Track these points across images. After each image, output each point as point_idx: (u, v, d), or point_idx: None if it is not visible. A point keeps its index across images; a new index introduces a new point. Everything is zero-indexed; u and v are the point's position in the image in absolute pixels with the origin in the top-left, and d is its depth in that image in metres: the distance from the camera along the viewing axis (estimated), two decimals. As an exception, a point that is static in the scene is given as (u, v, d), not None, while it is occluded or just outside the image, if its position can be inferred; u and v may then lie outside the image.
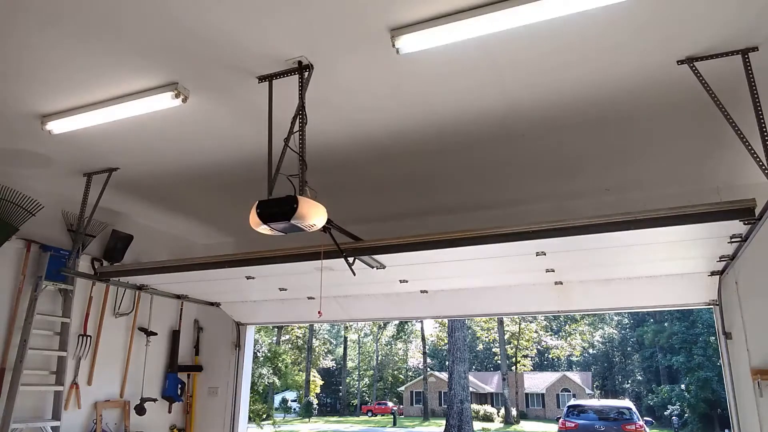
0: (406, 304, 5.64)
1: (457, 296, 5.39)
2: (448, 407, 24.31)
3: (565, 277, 4.77)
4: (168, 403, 6.23)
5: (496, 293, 5.26)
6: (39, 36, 2.92)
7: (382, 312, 5.98)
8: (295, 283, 5.24)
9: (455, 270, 4.62)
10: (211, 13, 2.74)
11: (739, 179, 4.75)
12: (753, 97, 3.06)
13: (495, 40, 2.90)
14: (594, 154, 4.33)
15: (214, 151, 4.35)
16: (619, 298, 4.96)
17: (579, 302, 5.10)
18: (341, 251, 3.71)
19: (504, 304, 5.41)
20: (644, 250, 3.98)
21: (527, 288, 5.11)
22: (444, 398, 33.64)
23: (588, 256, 4.11)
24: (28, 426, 4.66)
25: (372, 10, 2.71)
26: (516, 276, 4.84)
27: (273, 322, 6.85)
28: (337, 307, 5.87)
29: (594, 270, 4.60)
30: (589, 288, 4.91)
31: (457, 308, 5.62)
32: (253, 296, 6.00)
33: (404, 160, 4.50)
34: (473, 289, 5.30)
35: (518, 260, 4.25)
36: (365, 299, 5.77)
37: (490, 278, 4.98)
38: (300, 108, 3.19)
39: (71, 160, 4.51)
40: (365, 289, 5.47)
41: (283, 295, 5.81)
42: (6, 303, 4.74)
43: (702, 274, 4.59)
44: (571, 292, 5.00)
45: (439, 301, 5.47)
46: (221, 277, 4.87)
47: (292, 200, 2.96)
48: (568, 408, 17.81)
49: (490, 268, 4.52)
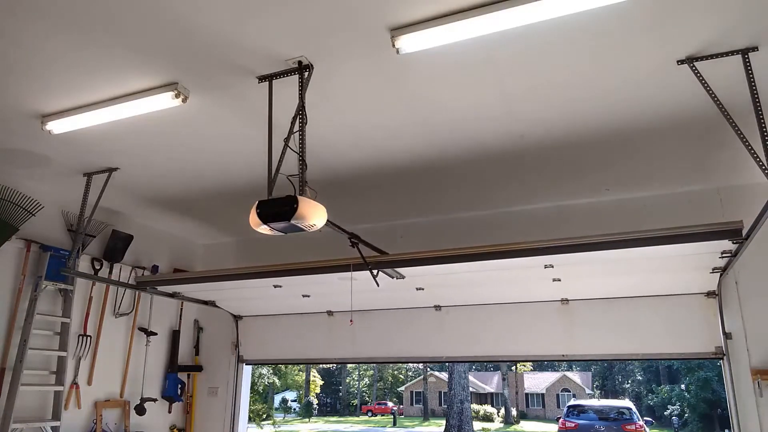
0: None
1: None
2: (448, 407, 24.33)
3: (570, 288, 4.91)
4: (168, 403, 6.23)
5: (508, 335, 5.34)
6: (39, 36, 2.92)
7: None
8: (317, 291, 5.48)
9: (468, 280, 4.89)
10: (211, 13, 2.74)
11: (739, 179, 4.75)
12: (753, 97, 3.06)
13: (495, 39, 2.90)
14: (594, 153, 4.33)
15: (214, 151, 4.35)
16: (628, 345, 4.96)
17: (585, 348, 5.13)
18: (367, 264, 4.08)
19: (513, 346, 5.40)
20: (646, 264, 4.24)
21: (539, 329, 5.19)
22: (444, 398, 33.65)
23: (592, 267, 4.40)
24: (28, 426, 4.66)
25: (372, 10, 2.71)
26: (525, 287, 5.03)
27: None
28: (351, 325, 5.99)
29: (596, 278, 4.76)
30: (600, 335, 5.00)
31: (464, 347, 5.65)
32: (274, 307, 6.15)
33: (405, 160, 4.51)
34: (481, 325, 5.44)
35: (527, 273, 4.53)
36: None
37: (501, 290, 5.16)
38: (300, 108, 3.19)
39: (71, 160, 4.51)
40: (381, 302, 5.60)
41: (303, 308, 6.06)
42: (6, 303, 4.74)
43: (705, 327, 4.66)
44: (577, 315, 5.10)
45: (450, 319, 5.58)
46: (250, 285, 5.15)
47: (292, 200, 2.96)
48: (568, 408, 17.84)
49: (502, 279, 4.78)
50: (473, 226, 5.72)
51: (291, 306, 6.07)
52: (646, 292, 4.88)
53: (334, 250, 5.91)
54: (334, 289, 5.00)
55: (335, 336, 6.03)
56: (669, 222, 4.93)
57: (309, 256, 6.19)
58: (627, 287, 4.84)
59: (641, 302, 4.92)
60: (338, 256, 5.16)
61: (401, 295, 5.43)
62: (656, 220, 5.03)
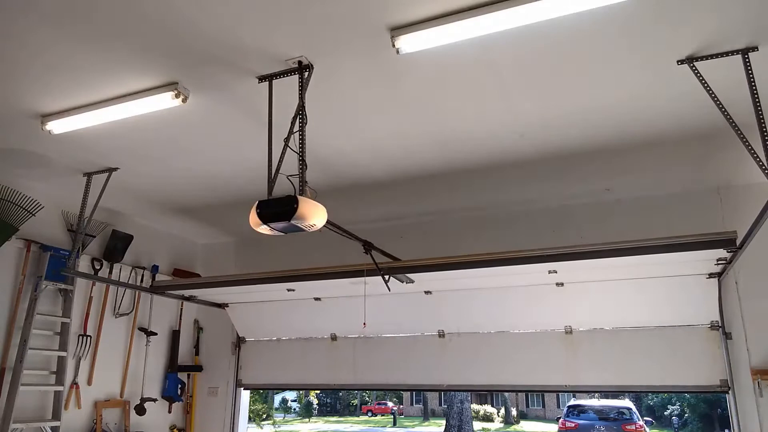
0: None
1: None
2: (448, 407, 24.32)
3: (574, 312, 5.00)
4: (168, 403, 6.23)
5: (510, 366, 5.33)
6: (39, 36, 2.92)
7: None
8: (328, 294, 5.65)
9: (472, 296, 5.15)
10: (211, 13, 2.74)
11: (739, 179, 4.75)
12: (753, 97, 3.06)
13: (495, 40, 2.90)
14: (594, 153, 4.33)
15: (214, 150, 4.36)
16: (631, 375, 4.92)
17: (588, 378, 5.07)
18: (379, 270, 4.27)
19: (514, 376, 5.33)
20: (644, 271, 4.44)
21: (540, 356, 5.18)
22: (444, 398, 33.64)
23: (593, 274, 4.61)
24: (28, 426, 4.66)
25: (372, 10, 2.71)
26: (529, 312, 5.15)
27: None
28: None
29: (599, 297, 4.87)
30: (604, 366, 4.97)
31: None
32: (279, 327, 6.29)
33: (406, 160, 4.51)
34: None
35: (532, 278, 4.72)
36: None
37: (505, 317, 5.29)
38: (300, 108, 3.19)
39: (71, 160, 4.51)
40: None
41: (307, 332, 6.19)
42: (6, 303, 4.74)
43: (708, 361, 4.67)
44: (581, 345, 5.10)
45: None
46: (263, 288, 5.33)
47: (292, 200, 2.96)
48: (568, 408, 17.81)
49: (506, 299, 5.03)
50: (473, 226, 5.73)
51: (296, 329, 6.13)
52: (649, 322, 4.83)
53: (334, 250, 5.91)
54: (343, 306, 5.24)
55: (337, 361, 5.98)
56: (669, 222, 4.98)
57: (309, 256, 6.23)
58: (631, 316, 4.84)
59: (646, 333, 4.85)
60: (338, 255, 5.21)
61: (405, 320, 5.56)
62: (656, 220, 5.04)
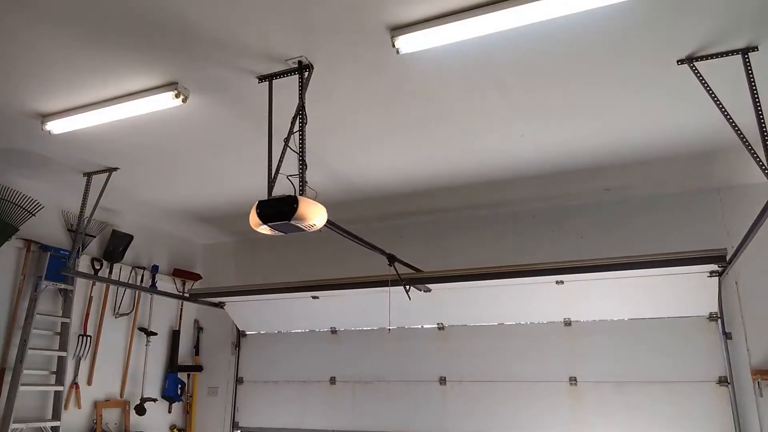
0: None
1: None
2: (448, 407, 24.32)
3: (579, 361, 5.05)
4: (168, 403, 6.22)
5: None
6: (39, 35, 2.92)
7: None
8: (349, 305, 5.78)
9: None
10: (211, 13, 2.74)
11: (739, 179, 4.75)
12: (753, 97, 3.06)
13: (495, 40, 2.89)
14: (594, 153, 4.33)
15: (214, 150, 4.35)
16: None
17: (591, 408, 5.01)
18: (401, 280, 4.47)
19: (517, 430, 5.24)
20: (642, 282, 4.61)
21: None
22: None
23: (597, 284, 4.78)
24: (28, 426, 4.66)
25: (372, 10, 2.71)
26: (533, 357, 5.24)
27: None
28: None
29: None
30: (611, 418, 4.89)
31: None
32: (278, 371, 6.34)
33: (406, 162, 4.50)
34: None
35: (537, 288, 4.93)
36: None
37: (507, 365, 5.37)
38: (300, 108, 3.19)
39: (71, 160, 4.51)
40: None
41: (305, 375, 6.24)
42: (6, 303, 4.73)
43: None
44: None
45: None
46: (291, 297, 5.61)
47: (292, 200, 2.96)
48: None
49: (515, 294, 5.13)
50: (473, 226, 5.73)
51: (294, 371, 6.15)
52: (653, 377, 4.78)
53: (334, 250, 5.93)
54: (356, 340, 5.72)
55: (335, 404, 5.85)
56: (669, 222, 4.98)
57: (309, 256, 6.23)
58: (638, 370, 4.82)
59: (652, 387, 4.76)
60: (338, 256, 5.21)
61: (406, 362, 5.65)
62: (656, 220, 5.04)
